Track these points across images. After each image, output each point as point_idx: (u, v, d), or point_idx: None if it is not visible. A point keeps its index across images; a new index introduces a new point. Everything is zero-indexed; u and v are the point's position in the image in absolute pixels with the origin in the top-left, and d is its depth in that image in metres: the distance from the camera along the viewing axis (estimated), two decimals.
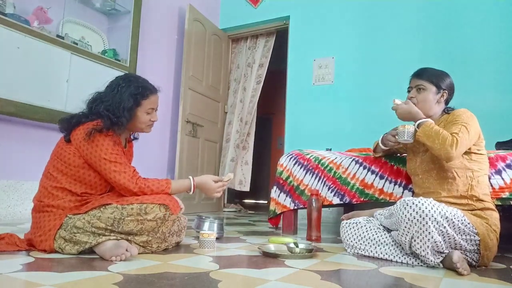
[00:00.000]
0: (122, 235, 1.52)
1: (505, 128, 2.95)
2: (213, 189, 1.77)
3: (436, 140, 1.62)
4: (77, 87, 2.81)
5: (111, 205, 1.53)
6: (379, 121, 3.56)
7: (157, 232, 1.59)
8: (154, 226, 1.54)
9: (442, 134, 1.62)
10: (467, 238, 1.53)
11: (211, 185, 1.77)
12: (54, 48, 2.68)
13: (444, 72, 1.85)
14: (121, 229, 1.50)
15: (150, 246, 1.60)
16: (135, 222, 1.50)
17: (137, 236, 1.55)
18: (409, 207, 1.49)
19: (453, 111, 1.78)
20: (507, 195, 1.89)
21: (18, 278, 1.12)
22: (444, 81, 1.80)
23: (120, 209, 1.50)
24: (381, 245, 1.69)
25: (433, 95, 1.79)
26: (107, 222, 1.49)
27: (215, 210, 4.48)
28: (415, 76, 1.85)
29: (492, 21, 3.31)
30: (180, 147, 3.86)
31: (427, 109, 1.80)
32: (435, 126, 1.68)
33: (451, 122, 1.72)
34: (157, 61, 3.87)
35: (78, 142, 1.60)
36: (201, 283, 1.15)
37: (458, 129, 1.64)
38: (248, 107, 4.62)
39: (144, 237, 1.56)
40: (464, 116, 1.70)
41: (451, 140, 1.60)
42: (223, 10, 4.76)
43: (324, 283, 1.22)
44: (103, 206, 1.53)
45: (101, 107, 1.65)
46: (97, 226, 1.48)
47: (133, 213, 1.50)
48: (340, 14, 3.98)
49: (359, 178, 2.30)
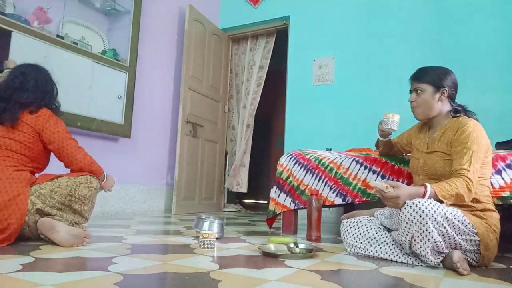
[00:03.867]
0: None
1: (505, 128, 2.95)
2: (112, 184, 2.07)
3: (456, 198, 1.55)
4: (98, 92, 3.06)
5: (62, 176, 1.82)
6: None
7: (94, 198, 1.91)
8: (94, 194, 1.89)
9: (457, 191, 1.53)
10: (467, 238, 1.53)
11: (112, 181, 2.07)
12: (76, 56, 2.83)
13: (443, 69, 1.82)
14: (77, 195, 1.79)
15: (86, 216, 1.88)
16: (86, 188, 1.83)
17: (85, 205, 1.84)
18: (409, 207, 1.49)
19: (460, 120, 1.71)
20: (507, 194, 1.89)
21: (18, 278, 1.12)
22: (443, 79, 1.76)
23: (73, 179, 1.82)
24: (382, 244, 1.69)
25: (432, 95, 1.77)
26: (66, 189, 1.76)
27: (215, 210, 4.48)
28: (413, 79, 1.84)
29: (492, 21, 3.31)
30: (180, 147, 3.86)
31: (428, 111, 1.79)
32: (444, 190, 1.53)
33: (458, 142, 1.64)
34: (157, 61, 3.87)
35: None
36: (201, 283, 1.15)
37: (467, 163, 1.58)
38: (249, 110, 4.65)
39: (89, 205, 1.86)
40: (472, 138, 1.61)
41: (466, 187, 1.54)
42: (223, 10, 4.76)
43: (324, 283, 1.22)
44: (55, 178, 1.80)
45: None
46: (60, 193, 1.75)
47: (83, 181, 1.84)
48: (340, 14, 3.98)
49: (361, 178, 2.30)
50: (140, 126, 3.60)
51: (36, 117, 1.83)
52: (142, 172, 3.66)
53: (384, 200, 1.56)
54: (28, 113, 1.83)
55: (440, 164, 1.72)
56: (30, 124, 1.81)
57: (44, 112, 1.87)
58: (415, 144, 1.94)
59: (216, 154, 4.51)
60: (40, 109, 1.86)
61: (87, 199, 1.84)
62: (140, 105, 3.56)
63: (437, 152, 1.75)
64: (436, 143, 1.78)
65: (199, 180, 4.18)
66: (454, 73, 1.82)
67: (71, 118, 2.77)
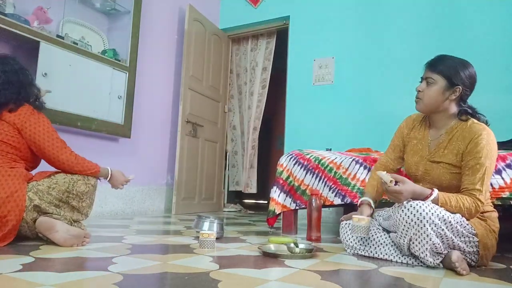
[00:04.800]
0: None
1: (505, 128, 2.95)
2: (121, 181, 2.03)
3: (461, 213, 1.51)
4: (98, 92, 3.07)
5: (59, 173, 1.81)
6: (379, 121, 3.57)
7: (92, 194, 1.90)
8: (92, 190, 1.88)
9: (466, 208, 1.49)
10: (466, 240, 1.52)
11: (121, 177, 2.04)
12: (76, 56, 2.85)
13: (463, 61, 1.62)
14: (75, 191, 1.78)
15: (85, 213, 1.88)
16: (84, 184, 1.82)
17: (83, 202, 1.83)
18: (406, 209, 1.48)
19: (472, 127, 1.58)
20: (507, 194, 1.89)
21: (18, 278, 1.12)
22: (460, 75, 1.57)
23: (70, 176, 1.81)
24: (381, 246, 1.69)
25: (442, 90, 1.59)
26: (64, 186, 1.75)
27: (215, 210, 4.48)
28: (428, 66, 1.65)
29: (492, 21, 3.31)
30: (180, 147, 3.86)
31: (433, 107, 1.63)
32: (452, 202, 1.50)
33: (471, 156, 1.53)
34: (157, 61, 3.87)
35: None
36: (201, 283, 1.15)
37: (479, 182, 1.50)
38: (255, 112, 4.68)
39: (87, 201, 1.86)
40: (486, 152, 1.51)
41: (475, 209, 1.50)
42: (223, 10, 4.76)
43: (324, 283, 1.22)
44: (52, 175, 1.79)
45: None
46: (58, 189, 1.73)
47: (80, 178, 1.83)
48: (340, 14, 3.98)
49: (360, 178, 2.30)
50: (140, 126, 3.60)
51: (15, 116, 1.74)
52: (142, 172, 3.65)
53: (386, 193, 1.55)
54: (8, 111, 1.75)
55: (447, 177, 1.61)
56: (10, 123, 1.74)
57: (25, 111, 1.77)
58: (411, 145, 1.78)
59: (216, 154, 4.51)
60: (20, 106, 1.77)
61: (85, 195, 1.84)
62: (140, 105, 3.56)
63: (443, 163, 1.62)
64: (442, 151, 1.64)
65: (199, 180, 4.18)
66: (473, 67, 1.63)
67: (71, 118, 2.78)
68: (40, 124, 1.79)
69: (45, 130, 1.79)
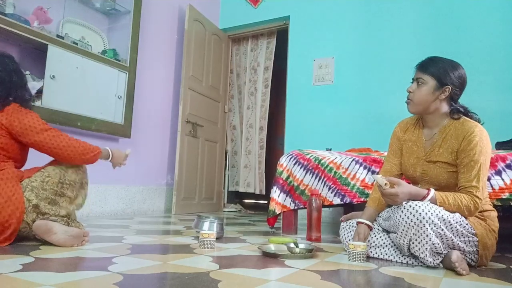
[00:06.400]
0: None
1: (505, 128, 2.95)
2: (123, 157, 2.04)
3: (460, 211, 1.51)
4: (98, 92, 2.96)
5: (49, 165, 1.80)
6: (379, 121, 3.57)
7: (83, 178, 1.89)
8: (84, 177, 1.89)
9: (464, 206, 1.50)
10: (466, 239, 1.52)
11: (121, 154, 2.04)
12: (76, 56, 2.86)
13: (453, 63, 1.65)
14: (68, 181, 1.78)
15: (80, 202, 1.87)
16: (74, 173, 1.82)
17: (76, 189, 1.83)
18: (406, 210, 1.48)
19: (465, 125, 1.59)
20: (507, 195, 1.89)
21: (18, 278, 1.12)
22: (449, 75, 1.60)
23: (59, 166, 1.80)
24: (381, 247, 1.69)
25: (432, 91, 1.62)
26: (56, 177, 1.75)
27: (215, 210, 4.48)
28: (419, 67, 1.69)
29: (492, 21, 3.31)
30: (180, 147, 3.86)
31: (425, 106, 1.65)
32: (450, 200, 1.50)
33: (465, 154, 1.54)
34: (157, 61, 3.87)
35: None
36: (201, 283, 1.15)
37: (475, 179, 1.51)
38: (260, 112, 4.68)
39: (83, 194, 1.87)
40: (479, 148, 1.53)
41: (474, 207, 1.50)
42: (223, 10, 4.76)
43: (324, 283, 1.22)
44: (43, 168, 1.79)
45: None
46: (51, 182, 1.73)
47: (70, 167, 1.82)
48: (340, 14, 3.98)
49: (359, 178, 2.30)
50: (140, 126, 3.60)
51: (1, 116, 1.69)
52: (142, 172, 3.66)
53: (382, 196, 1.55)
54: None
55: (444, 176, 1.62)
56: None
57: (11, 109, 1.71)
58: (406, 147, 1.78)
59: (216, 154, 4.51)
60: (6, 106, 1.71)
61: (77, 183, 1.84)
62: (140, 105, 3.56)
63: (439, 162, 1.63)
64: (437, 150, 1.65)
65: (199, 180, 4.18)
66: (463, 68, 1.66)
67: (71, 118, 2.78)
68: (28, 118, 1.72)
69: (36, 124, 1.72)
